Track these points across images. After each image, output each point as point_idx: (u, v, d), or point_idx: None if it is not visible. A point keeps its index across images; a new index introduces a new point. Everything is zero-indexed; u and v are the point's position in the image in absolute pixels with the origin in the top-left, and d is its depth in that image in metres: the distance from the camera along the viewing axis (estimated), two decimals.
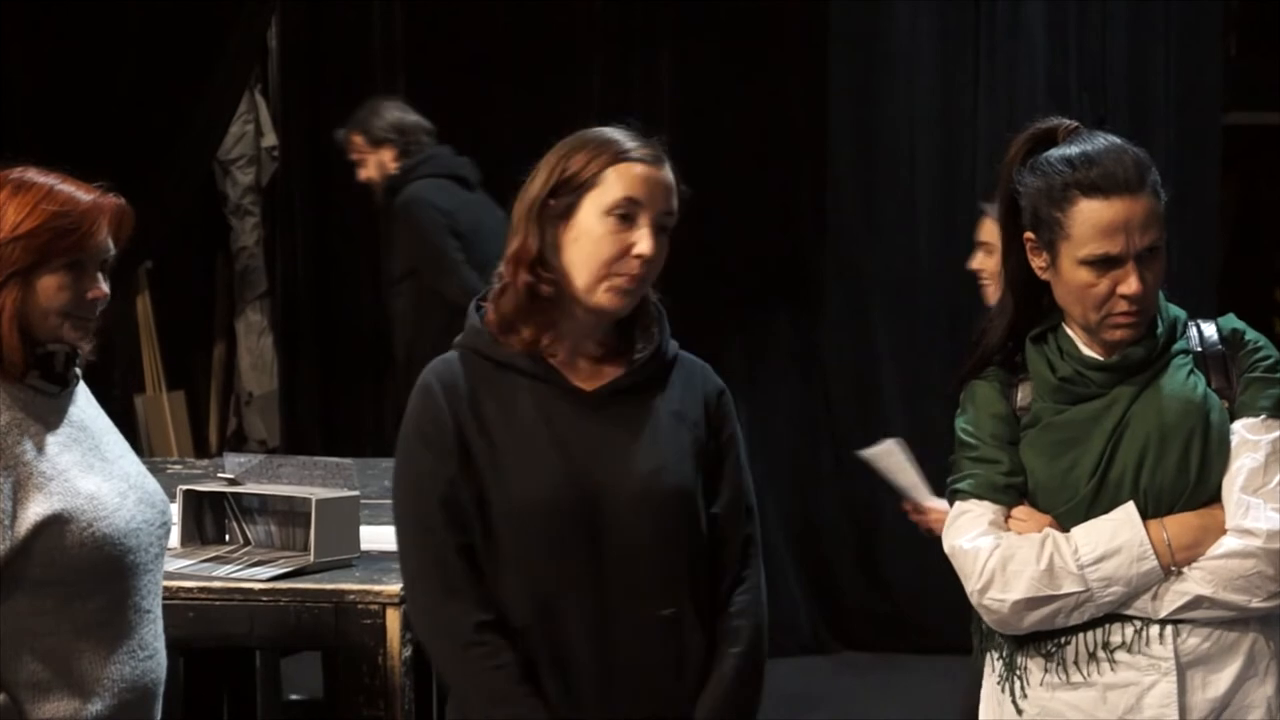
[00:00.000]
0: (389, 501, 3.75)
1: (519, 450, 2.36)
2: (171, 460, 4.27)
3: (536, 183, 2.41)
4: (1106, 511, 2.36)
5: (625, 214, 2.37)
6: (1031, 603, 2.35)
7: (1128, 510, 2.35)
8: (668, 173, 2.42)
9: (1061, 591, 2.34)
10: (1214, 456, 2.37)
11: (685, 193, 2.45)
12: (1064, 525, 2.38)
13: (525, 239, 2.39)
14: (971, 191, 6.48)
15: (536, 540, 2.36)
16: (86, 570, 2.34)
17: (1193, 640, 2.35)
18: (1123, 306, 2.36)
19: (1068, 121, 2.49)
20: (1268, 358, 2.43)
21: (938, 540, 2.52)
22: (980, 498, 2.42)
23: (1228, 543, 2.33)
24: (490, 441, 2.36)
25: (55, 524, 2.31)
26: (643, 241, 2.36)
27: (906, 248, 6.50)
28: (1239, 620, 2.35)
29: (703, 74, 6.44)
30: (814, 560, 6.43)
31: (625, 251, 2.36)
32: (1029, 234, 2.41)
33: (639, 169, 2.39)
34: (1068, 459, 2.39)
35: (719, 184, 5.59)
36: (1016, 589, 2.35)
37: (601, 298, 2.38)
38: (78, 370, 2.48)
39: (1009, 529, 2.40)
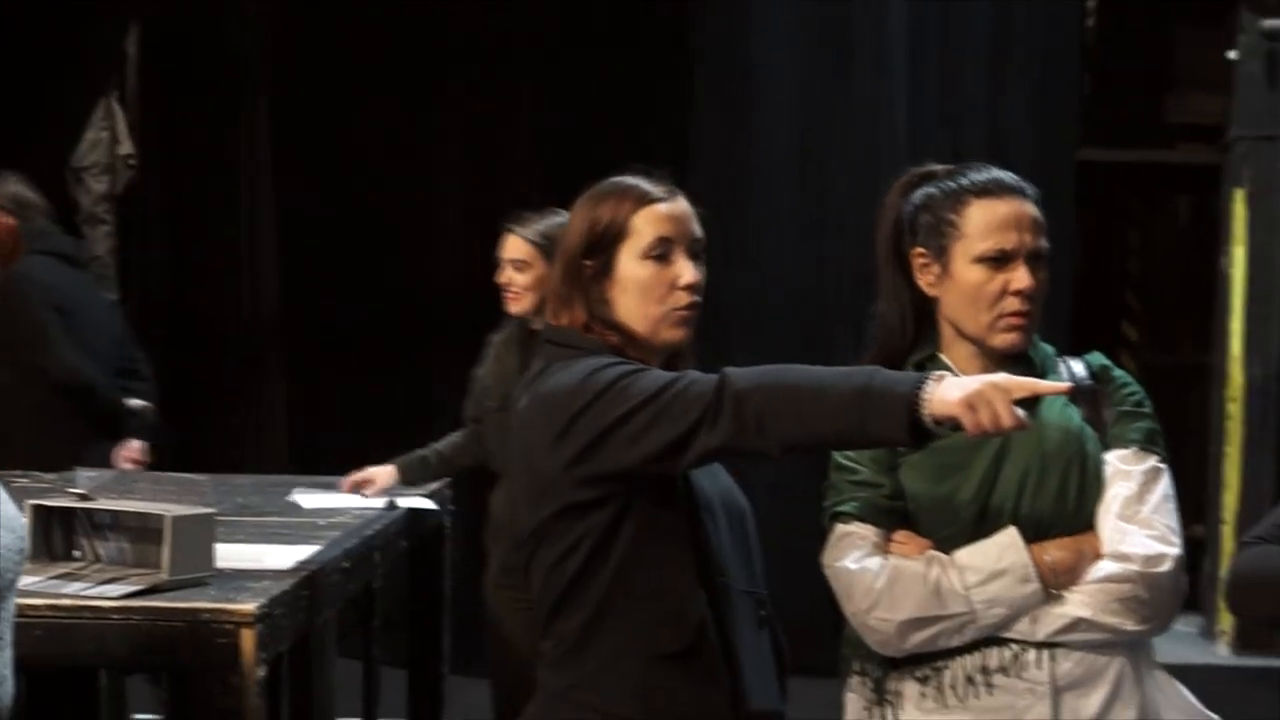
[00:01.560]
0: (244, 519, 3.76)
1: None
2: (17, 474, 4.16)
3: (568, 247, 2.52)
4: (988, 536, 2.41)
5: (661, 254, 2.49)
6: (918, 623, 2.39)
7: (1011, 534, 2.40)
8: (685, 203, 2.55)
9: (947, 612, 2.38)
10: (1090, 485, 2.45)
11: (703, 214, 2.57)
12: (945, 549, 2.43)
13: (573, 309, 2.50)
14: (832, 222, 6.57)
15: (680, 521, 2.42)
16: None
17: (1066, 664, 2.40)
18: (1014, 305, 2.43)
19: (945, 165, 2.60)
20: (1134, 393, 2.53)
21: (798, 561, 2.56)
22: (863, 520, 2.46)
23: (1106, 567, 2.39)
24: None
25: None
26: (685, 272, 2.49)
27: (770, 277, 6.56)
28: (1108, 645, 2.41)
29: (565, 94, 6.46)
30: None
31: (673, 286, 2.47)
32: (919, 249, 2.49)
33: (663, 208, 2.51)
34: (950, 484, 2.45)
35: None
36: (904, 609, 2.39)
37: (667, 334, 2.50)
38: None
39: (890, 552, 2.44)
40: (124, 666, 3.92)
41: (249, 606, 2.86)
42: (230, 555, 3.25)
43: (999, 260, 2.44)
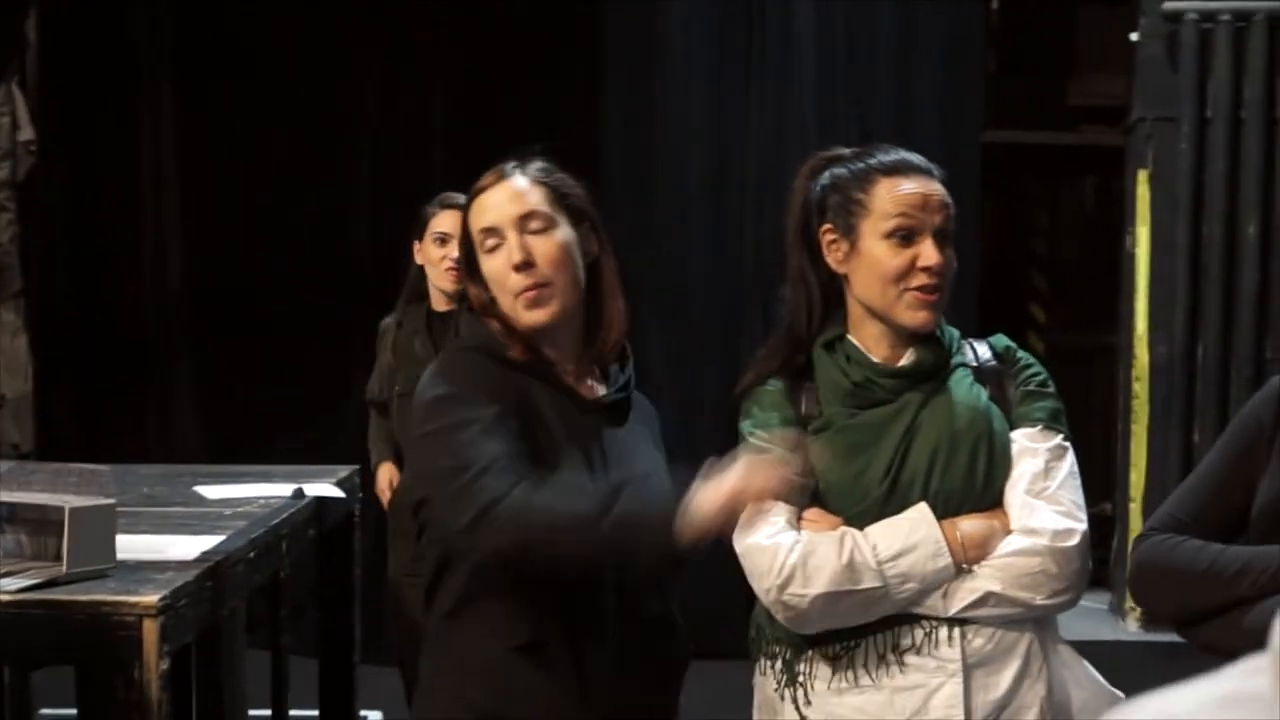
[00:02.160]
0: (148, 509, 3.69)
1: (547, 439, 2.43)
2: None
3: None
4: (897, 513, 2.42)
5: (492, 245, 2.49)
6: (831, 598, 2.38)
7: (922, 510, 2.41)
8: (511, 183, 2.51)
9: (861, 586, 2.37)
10: (998, 462, 2.46)
11: (572, 187, 2.56)
12: (856, 526, 2.42)
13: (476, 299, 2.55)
14: (742, 203, 6.57)
15: None
16: None
17: (977, 641, 2.41)
18: (921, 280, 2.44)
19: (852, 149, 2.60)
20: (1038, 374, 2.55)
21: (713, 543, 2.55)
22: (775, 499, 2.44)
23: (1015, 541, 2.41)
24: (526, 427, 2.42)
25: None
26: (512, 253, 2.47)
27: (679, 259, 6.55)
28: (1018, 622, 2.43)
29: (475, 82, 6.41)
30: None
31: (507, 271, 2.47)
32: (827, 226, 2.50)
33: (484, 198, 2.53)
34: (859, 462, 2.45)
35: None
36: (818, 583, 2.37)
37: (524, 318, 2.48)
38: None
39: (802, 529, 2.43)
40: (24, 662, 3.84)
41: (151, 598, 2.80)
42: (133, 546, 3.19)
43: (906, 236, 2.45)
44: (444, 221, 4.27)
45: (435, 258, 4.30)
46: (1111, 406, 7.53)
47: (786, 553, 2.39)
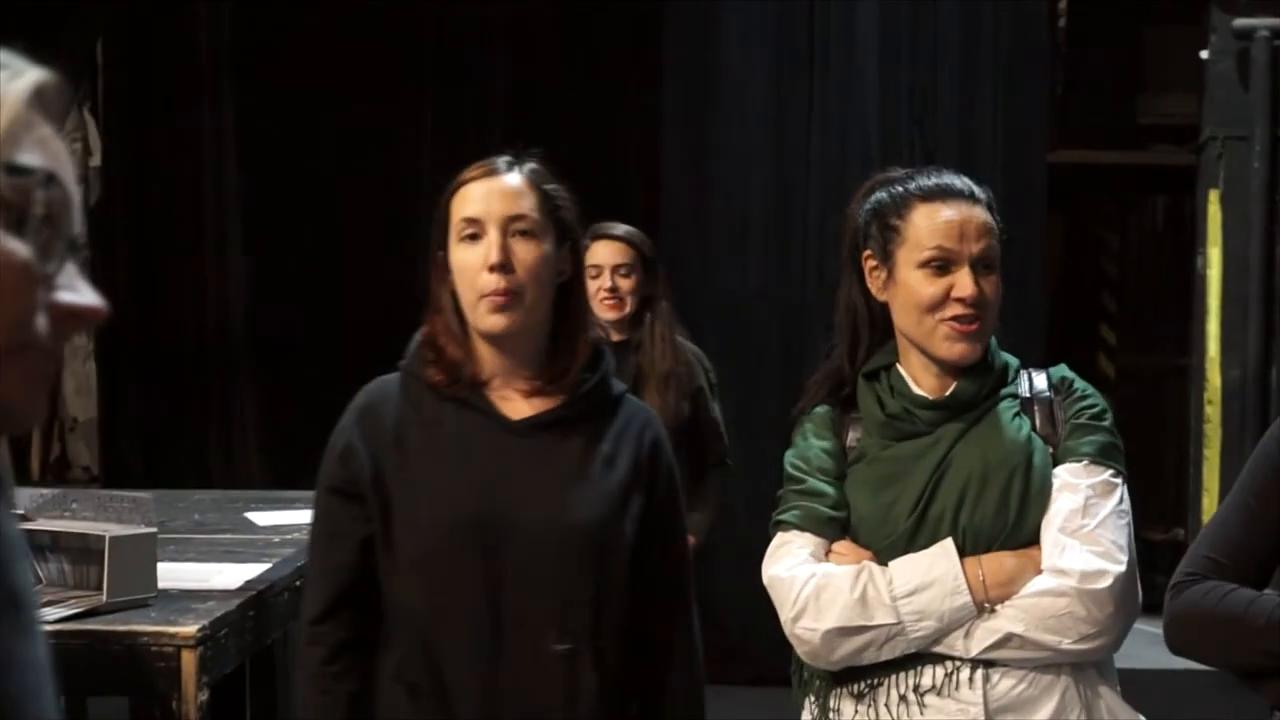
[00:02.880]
0: (196, 536, 3.67)
1: (430, 469, 2.36)
2: None
3: (433, 238, 2.44)
4: (925, 548, 2.33)
5: (472, 234, 2.38)
6: (843, 632, 2.30)
7: (945, 546, 2.32)
8: (507, 180, 2.40)
9: (874, 622, 2.30)
10: (1034, 498, 2.35)
11: (564, 198, 2.43)
12: (883, 560, 2.34)
13: (429, 305, 2.45)
14: (804, 223, 6.50)
15: (432, 559, 2.34)
16: None
17: (1004, 684, 2.31)
18: (956, 310, 2.34)
19: (907, 170, 2.51)
20: (1093, 405, 2.43)
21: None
22: (802, 529, 2.38)
23: (1041, 581, 2.30)
24: (404, 460, 2.36)
25: None
26: (490, 252, 2.34)
27: (739, 278, 6.49)
28: (1051, 666, 2.32)
29: (535, 100, 6.38)
30: None
31: (480, 268, 2.35)
32: (868, 253, 2.42)
33: (472, 188, 2.40)
34: (889, 494, 2.37)
35: None
36: (829, 618, 2.30)
37: (483, 322, 2.37)
38: None
39: (828, 562, 2.36)
40: (64, 693, 3.81)
41: (189, 629, 2.77)
42: (178, 575, 3.17)
43: (942, 266, 2.36)
44: (597, 253, 4.17)
45: (590, 291, 4.22)
46: (1183, 430, 7.37)
47: (802, 585, 2.33)
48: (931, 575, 2.29)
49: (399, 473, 2.37)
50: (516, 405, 2.41)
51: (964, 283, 2.35)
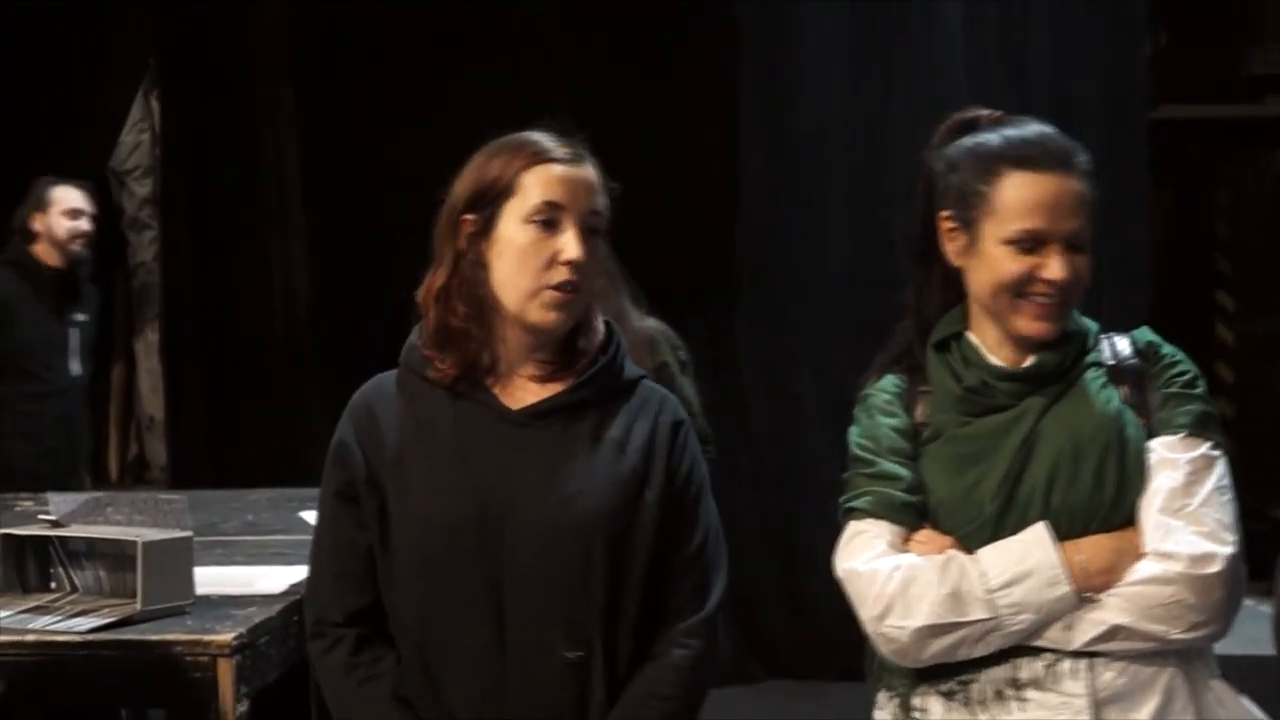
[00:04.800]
0: (246, 538, 3.66)
1: (427, 466, 2.29)
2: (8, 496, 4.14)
3: (452, 198, 2.34)
4: (1013, 533, 2.23)
5: (548, 220, 2.29)
6: (935, 630, 2.21)
7: (1038, 531, 2.22)
8: (589, 171, 2.33)
9: (968, 618, 2.21)
10: (1130, 475, 2.25)
11: (615, 190, 2.37)
12: (967, 547, 2.25)
13: (437, 269, 2.35)
14: (888, 193, 6.38)
15: (429, 561, 2.28)
16: None
17: (1108, 675, 2.22)
18: (1043, 290, 2.25)
19: (991, 111, 2.40)
20: (1185, 372, 2.33)
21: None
22: (878, 517, 2.29)
23: (1146, 568, 2.20)
24: (400, 457, 2.30)
25: None
26: (569, 246, 2.28)
27: (820, 251, 6.40)
28: (1157, 654, 2.22)
29: (605, 75, 6.32)
30: (732, 584, 6.26)
31: (553, 259, 2.28)
32: (945, 214, 2.31)
33: (557, 170, 2.31)
34: (971, 475, 2.27)
35: (625, 190, 5.43)
36: (919, 615, 2.21)
37: (536, 314, 2.30)
38: None
39: (908, 551, 2.27)
40: (99, 704, 3.82)
41: (226, 637, 2.76)
42: (221, 579, 3.16)
43: (1031, 245, 2.25)
44: None
45: None
46: None
47: (885, 580, 2.24)
48: (1027, 564, 2.20)
49: (392, 473, 2.32)
50: (520, 393, 2.35)
51: (1054, 265, 2.25)
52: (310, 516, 3.96)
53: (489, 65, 6.40)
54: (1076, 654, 2.22)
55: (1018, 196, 2.23)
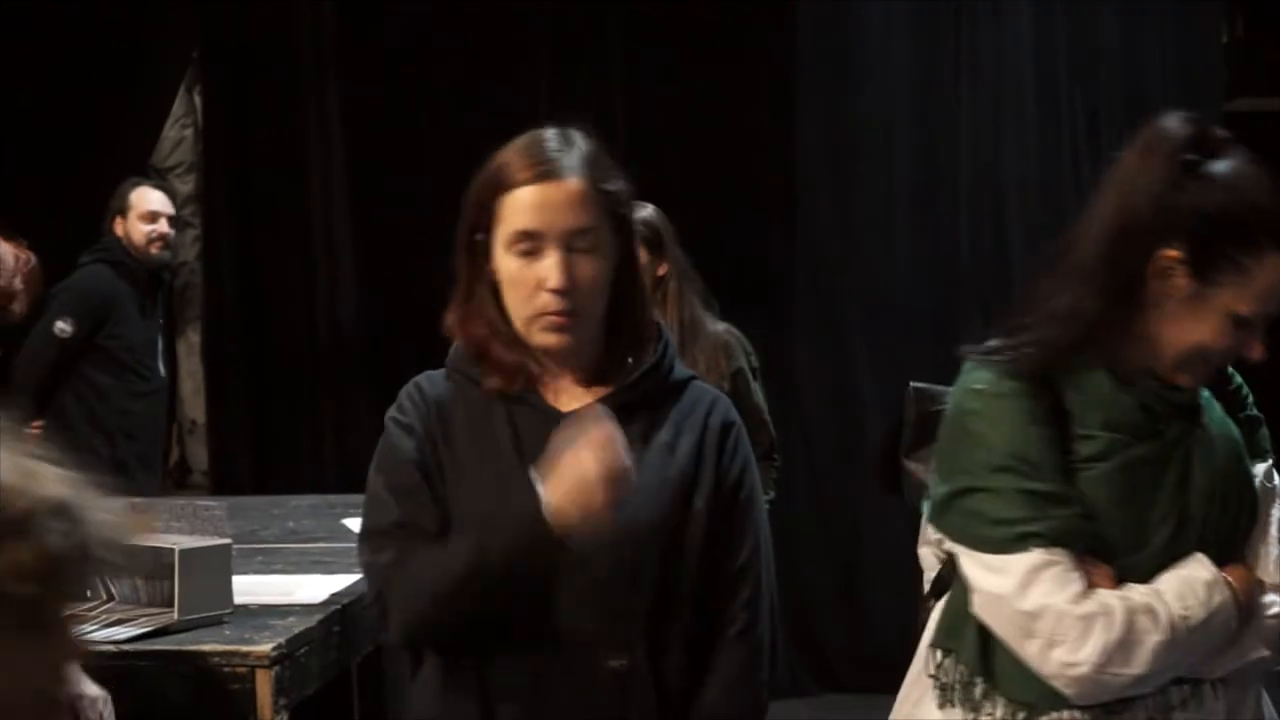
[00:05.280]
0: (287, 545, 3.62)
1: (479, 466, 2.26)
2: None
3: (464, 214, 2.31)
4: (1174, 563, 2.18)
5: (526, 249, 2.23)
6: (1150, 676, 2.16)
7: (1210, 569, 2.18)
8: (568, 184, 2.23)
9: (1176, 664, 2.17)
10: (1255, 502, 2.24)
11: (621, 189, 2.27)
12: (1135, 578, 2.18)
13: (458, 290, 2.31)
14: (953, 190, 6.28)
15: (483, 559, 2.19)
16: None
17: (1235, 692, 2.24)
18: (1224, 360, 2.21)
19: (1218, 130, 2.25)
20: (1249, 393, 2.31)
21: (919, 572, 2.34)
22: (1063, 546, 2.16)
23: (1276, 603, 2.23)
24: (455, 456, 2.27)
25: None
26: (550, 275, 2.21)
27: (883, 250, 6.31)
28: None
29: (658, 71, 6.25)
30: (789, 595, 6.17)
31: (538, 287, 2.22)
32: (1174, 253, 2.14)
33: (527, 194, 2.23)
34: (1139, 502, 2.19)
35: (679, 188, 5.37)
36: (1138, 663, 2.14)
37: (538, 339, 2.26)
38: None
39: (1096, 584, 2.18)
40: (134, 716, 3.78)
41: (264, 647, 2.72)
42: (261, 588, 3.12)
43: (1250, 324, 2.15)
44: None
45: None
46: None
47: (1106, 627, 2.13)
48: (1213, 604, 2.16)
49: (448, 471, 2.27)
50: (570, 396, 2.30)
51: (1257, 346, 2.18)
52: (353, 523, 3.91)
53: (541, 64, 6.34)
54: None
55: (1268, 283, 2.13)
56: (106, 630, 2.78)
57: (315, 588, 3.12)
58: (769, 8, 6.27)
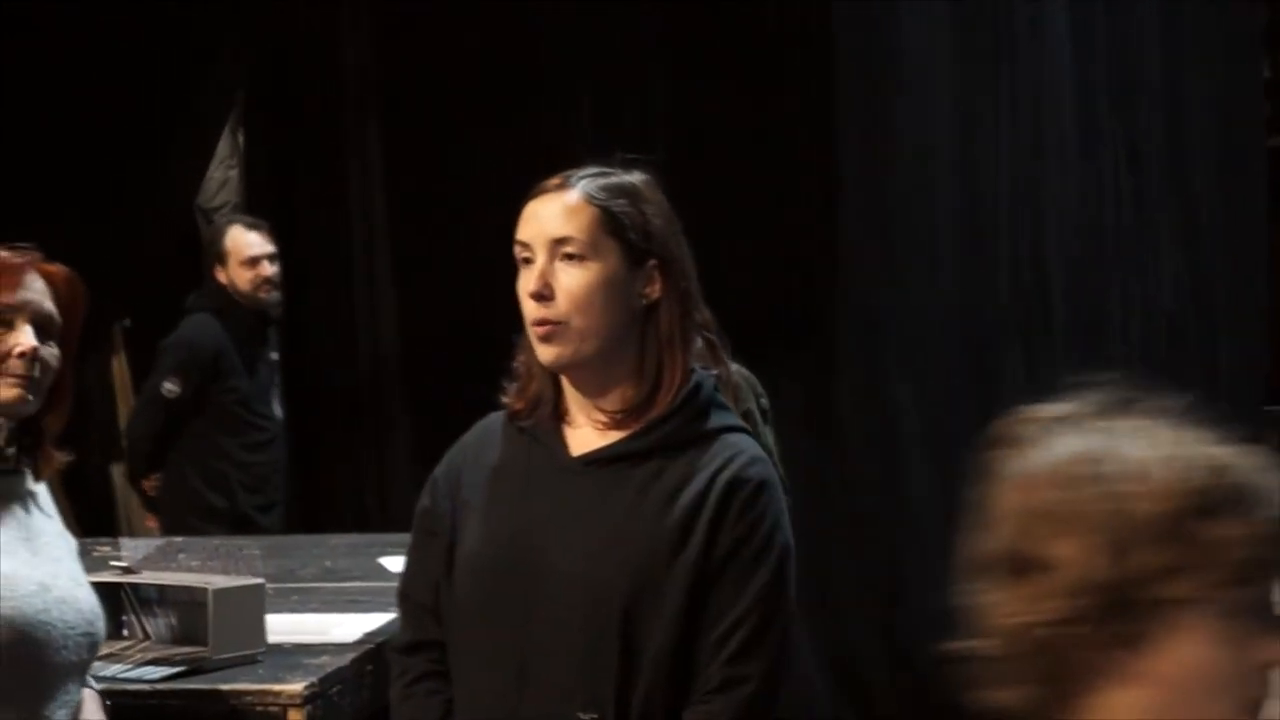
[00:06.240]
0: (323, 585, 3.67)
1: (484, 510, 2.33)
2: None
3: None
4: None
5: (524, 258, 2.31)
6: None
7: None
8: (566, 196, 2.29)
9: None
10: None
11: (619, 207, 2.30)
12: None
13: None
14: (993, 226, 6.29)
15: (468, 605, 2.32)
16: None
17: None
18: None
19: None
20: None
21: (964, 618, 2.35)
22: None
23: None
24: (469, 498, 2.35)
25: None
26: (530, 281, 2.28)
27: (925, 287, 6.31)
28: None
29: (697, 102, 6.28)
30: (830, 631, 6.21)
31: (526, 295, 2.29)
32: None
33: (529, 205, 2.33)
34: None
35: (716, 223, 5.39)
36: None
37: (537, 351, 2.30)
38: (12, 451, 2.42)
39: None
40: None
41: (297, 687, 2.76)
42: (295, 627, 3.16)
43: None
44: None
45: None
46: None
47: None
48: None
49: (463, 511, 2.36)
50: (587, 439, 2.34)
51: None
52: (389, 563, 3.96)
53: (581, 95, 6.40)
54: None
55: None
56: (141, 669, 2.83)
57: (350, 627, 3.16)
58: (808, 41, 6.30)
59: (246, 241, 5.73)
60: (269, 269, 5.73)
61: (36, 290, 2.39)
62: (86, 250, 6.33)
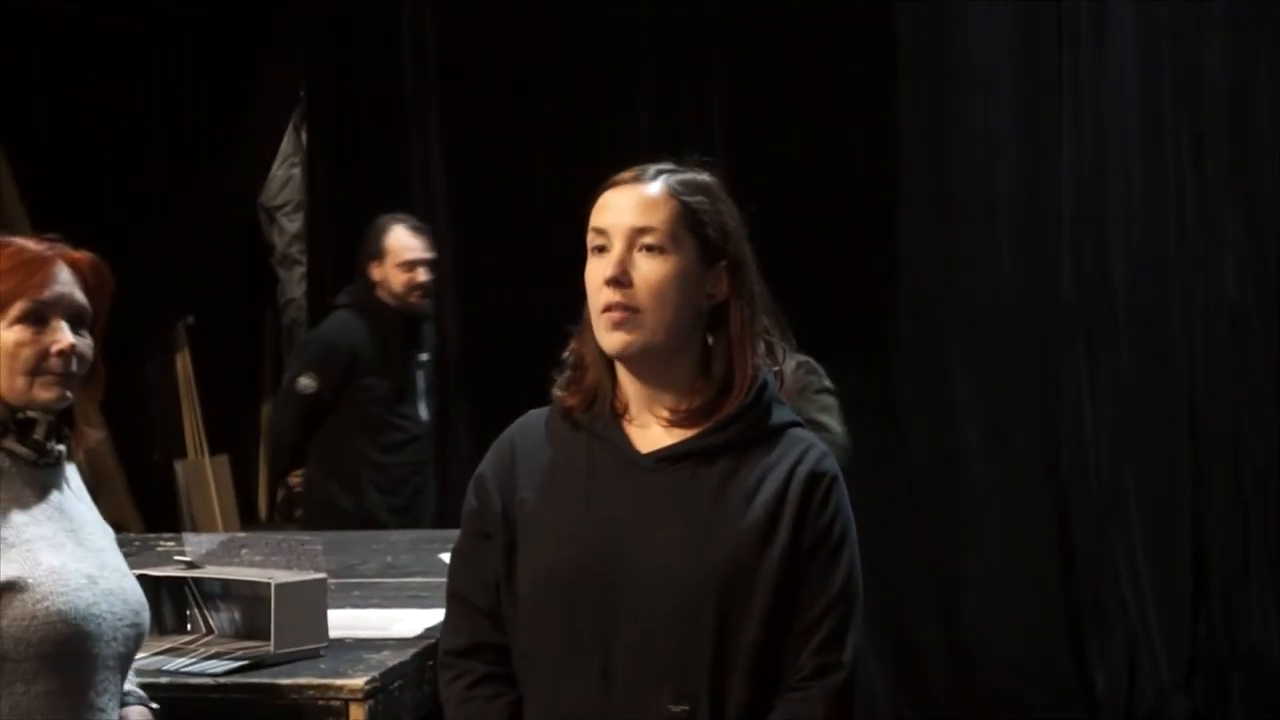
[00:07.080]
0: (384, 580, 3.70)
1: (553, 509, 2.32)
2: (133, 537, 4.21)
3: None
4: None
5: (598, 245, 2.32)
6: None
7: None
8: (644, 188, 2.31)
9: None
10: None
11: (700, 203, 2.32)
12: None
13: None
14: (1056, 221, 6.26)
15: (544, 605, 2.31)
16: (35, 647, 2.27)
17: None
18: None
19: None
20: None
21: (1025, 605, 2.34)
22: None
23: None
24: (531, 497, 2.34)
25: (8, 592, 2.26)
26: (607, 267, 2.28)
27: (988, 284, 6.29)
28: None
29: (758, 100, 6.29)
30: (892, 628, 6.21)
31: (600, 283, 2.29)
32: None
33: (606, 194, 2.34)
34: None
35: (778, 219, 5.37)
36: None
37: (603, 339, 2.30)
38: (60, 448, 2.43)
39: None
40: None
41: (358, 681, 2.77)
42: (356, 622, 3.18)
43: None
44: None
45: None
46: None
47: None
48: None
49: (522, 510, 2.35)
50: (654, 436, 2.34)
51: None
52: (449, 558, 3.99)
53: (642, 96, 6.41)
54: None
55: None
56: (204, 663, 2.86)
57: (411, 622, 3.19)
58: (869, 40, 6.30)
59: (407, 244, 5.66)
60: (423, 275, 5.68)
61: (66, 282, 2.40)
62: (152, 248, 6.45)
